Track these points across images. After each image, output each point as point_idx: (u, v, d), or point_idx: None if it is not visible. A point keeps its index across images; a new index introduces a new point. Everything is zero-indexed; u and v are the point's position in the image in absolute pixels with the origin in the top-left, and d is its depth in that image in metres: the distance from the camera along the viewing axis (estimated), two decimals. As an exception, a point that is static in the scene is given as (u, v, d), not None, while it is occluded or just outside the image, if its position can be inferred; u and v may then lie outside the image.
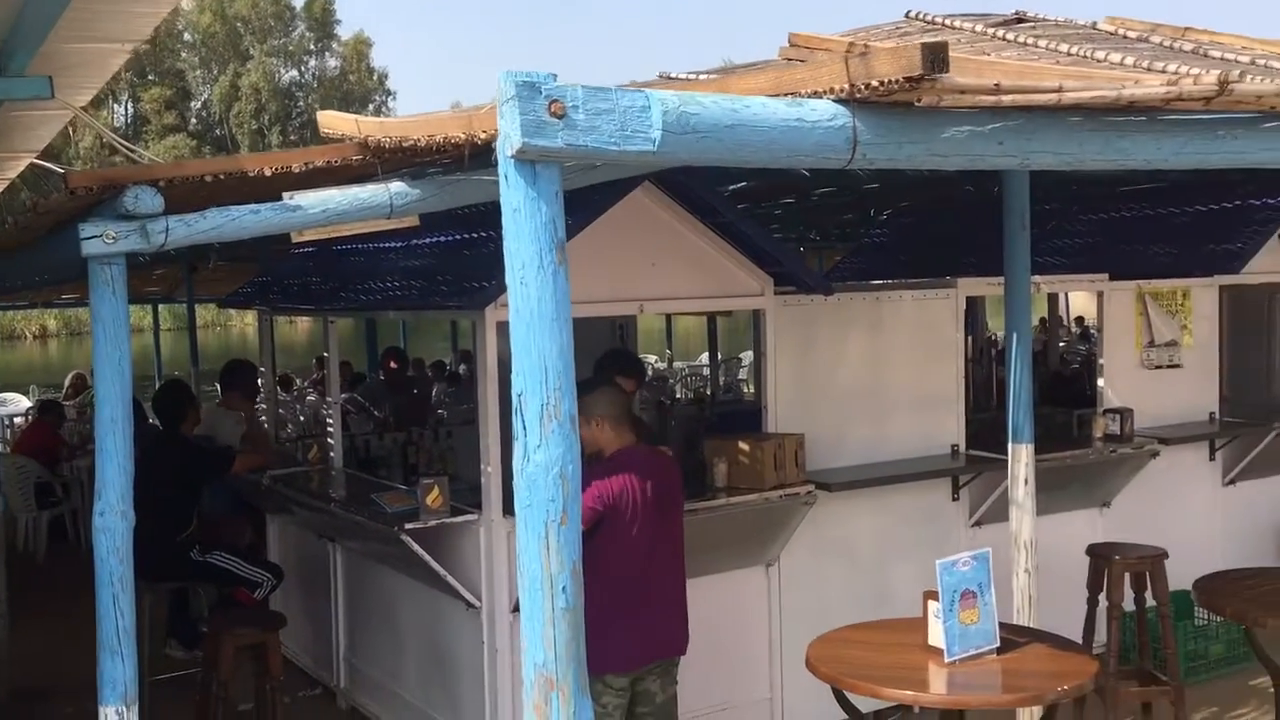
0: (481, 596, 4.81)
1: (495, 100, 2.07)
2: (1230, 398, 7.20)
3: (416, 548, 4.72)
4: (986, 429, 6.16)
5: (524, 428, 2.08)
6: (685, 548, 4.26)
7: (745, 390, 12.45)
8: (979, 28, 4.87)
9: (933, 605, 3.27)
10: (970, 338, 10.19)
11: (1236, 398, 7.42)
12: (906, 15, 5.27)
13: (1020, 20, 5.19)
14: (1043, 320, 12.16)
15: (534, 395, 2.07)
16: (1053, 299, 11.85)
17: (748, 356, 12.23)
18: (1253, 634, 3.92)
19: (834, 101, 2.30)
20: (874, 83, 2.20)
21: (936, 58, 2.12)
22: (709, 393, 11.64)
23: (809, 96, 2.32)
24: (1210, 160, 2.74)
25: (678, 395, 12.32)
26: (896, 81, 2.16)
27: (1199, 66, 3.19)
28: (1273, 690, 4.82)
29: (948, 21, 5.09)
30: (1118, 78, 2.59)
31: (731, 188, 7.83)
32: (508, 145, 2.03)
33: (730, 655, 5.24)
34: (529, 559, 2.07)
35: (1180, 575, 5.29)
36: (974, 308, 10.20)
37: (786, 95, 2.33)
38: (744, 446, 5.21)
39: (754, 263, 5.38)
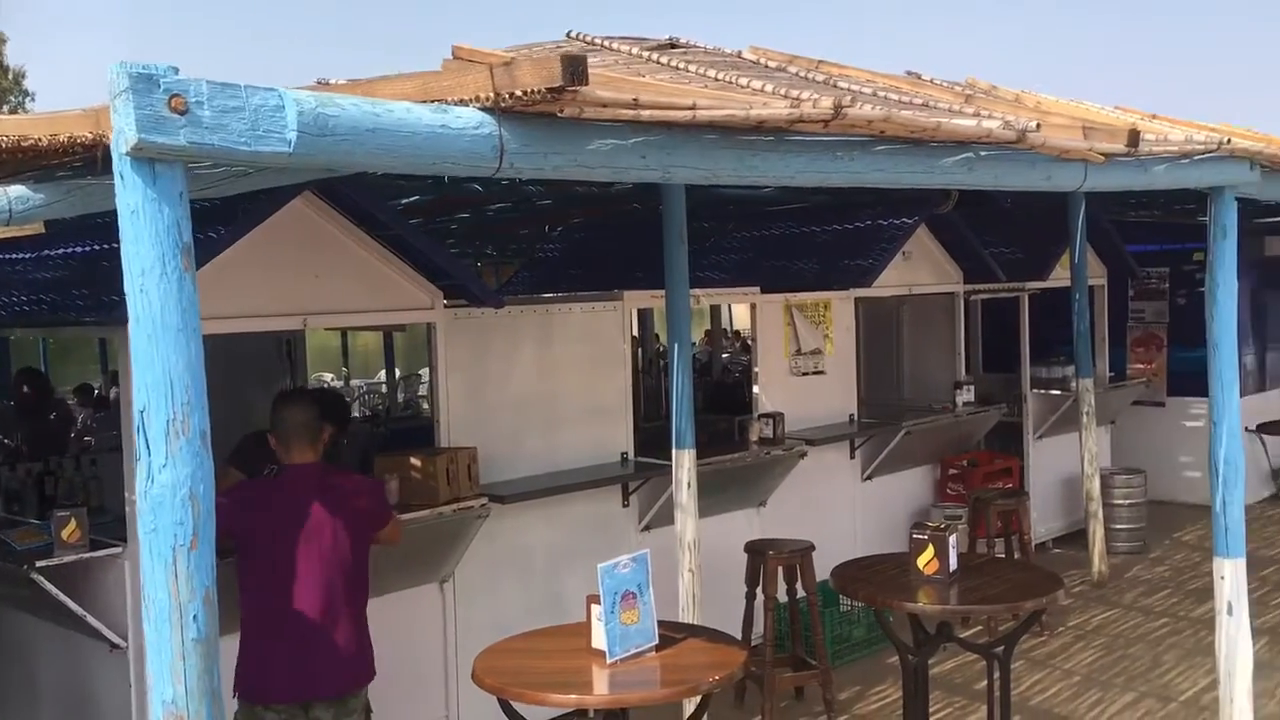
0: (127, 635, 4.44)
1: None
2: (867, 400, 7.90)
3: (50, 587, 4.28)
4: (657, 436, 6.41)
5: (147, 446, 1.93)
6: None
7: (425, 407, 12.28)
8: (635, 50, 5.07)
9: (595, 609, 3.35)
10: (641, 349, 10.60)
11: (872, 400, 8.15)
12: (567, 35, 5.41)
13: (674, 46, 5.46)
14: (708, 332, 12.84)
15: (159, 411, 1.93)
16: (716, 312, 12.55)
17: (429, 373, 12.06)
18: (882, 615, 4.29)
19: (480, 110, 2.31)
20: (518, 92, 2.22)
21: (576, 70, 2.18)
22: (385, 409, 11.39)
23: (456, 104, 2.32)
24: (831, 179, 2.99)
25: (354, 414, 11.96)
26: (539, 92, 2.20)
27: (826, 94, 3.47)
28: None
29: (606, 43, 5.27)
30: (748, 100, 2.77)
31: (405, 201, 7.71)
32: (122, 142, 1.88)
33: (405, 675, 5.12)
34: (155, 588, 1.92)
35: (827, 566, 5.72)
36: (646, 320, 10.64)
37: (433, 102, 2.32)
38: (416, 462, 5.13)
39: (424, 276, 5.32)
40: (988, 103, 5.20)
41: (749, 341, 8.60)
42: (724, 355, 12.49)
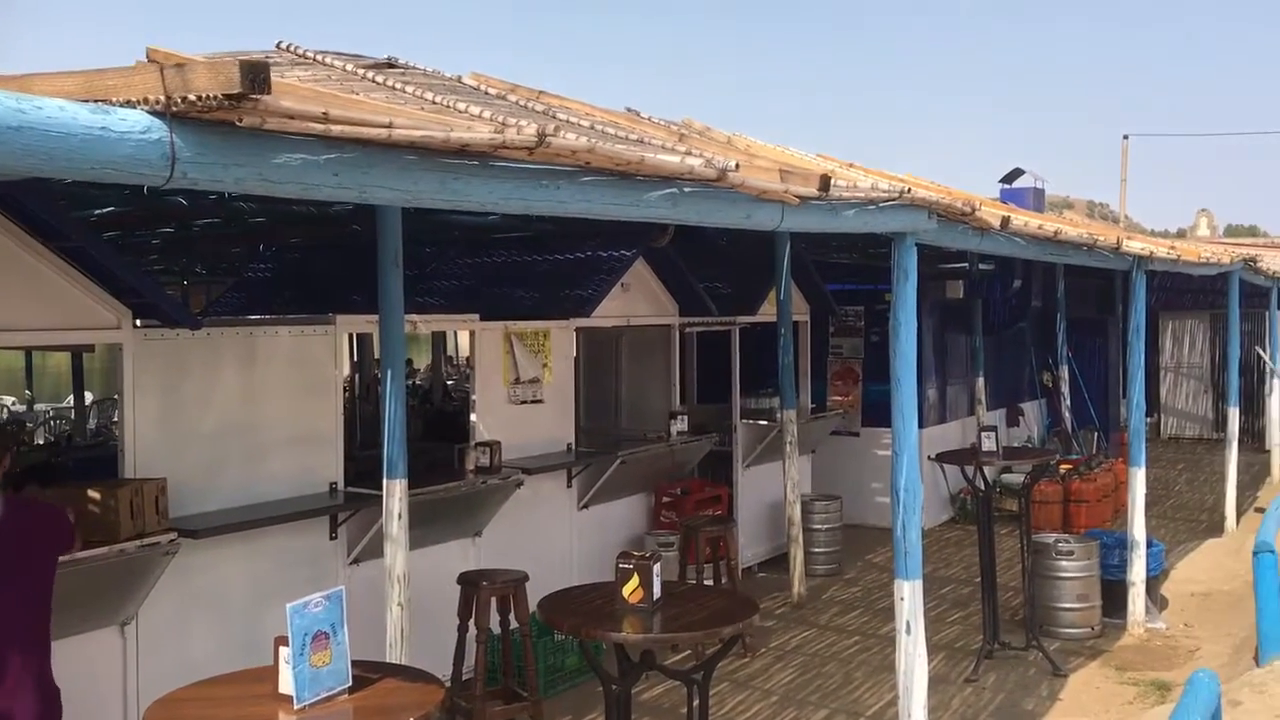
0: None
1: None
2: (585, 429, 7.98)
3: None
4: (374, 465, 6.19)
5: None
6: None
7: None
8: (350, 67, 4.91)
9: (284, 651, 3.15)
10: (359, 375, 10.28)
11: (591, 428, 8.25)
12: (277, 46, 5.18)
13: (391, 65, 5.34)
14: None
15: None
16: (439, 339, 12.37)
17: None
18: (588, 645, 4.31)
19: (149, 114, 2.13)
20: (192, 97, 2.07)
21: (257, 77, 2.05)
22: (68, 436, 10.48)
23: (122, 105, 2.13)
24: (535, 206, 2.98)
25: (39, 440, 10.95)
26: (215, 98, 2.05)
27: (537, 123, 3.46)
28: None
29: (319, 57, 5.07)
30: (451, 121, 2.71)
31: (98, 211, 7.12)
32: None
33: (76, 730, 4.65)
34: None
35: (544, 595, 5.69)
36: (366, 346, 10.32)
37: (97, 101, 2.12)
38: (95, 495, 4.72)
39: (110, 293, 4.92)
40: (700, 142, 5.39)
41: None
42: (448, 382, 12.32)
